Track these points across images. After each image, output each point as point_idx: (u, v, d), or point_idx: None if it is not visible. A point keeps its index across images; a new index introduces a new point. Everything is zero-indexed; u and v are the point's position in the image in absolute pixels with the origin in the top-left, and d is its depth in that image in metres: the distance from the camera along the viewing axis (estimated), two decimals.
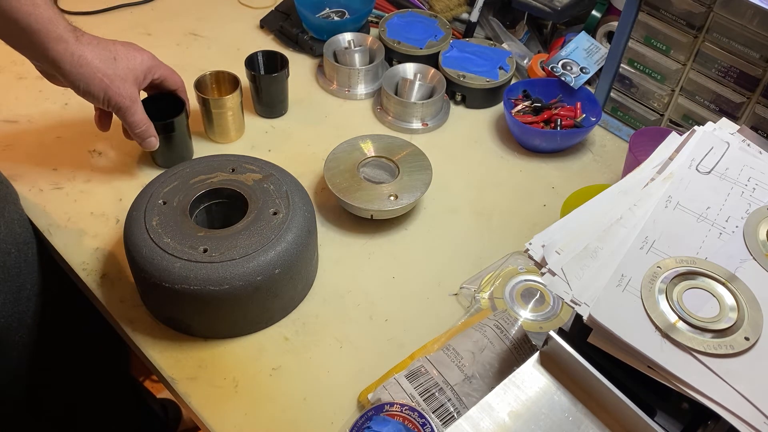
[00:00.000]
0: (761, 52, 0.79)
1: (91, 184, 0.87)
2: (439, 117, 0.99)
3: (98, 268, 0.78)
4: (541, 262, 0.57)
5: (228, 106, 0.89)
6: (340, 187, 0.81)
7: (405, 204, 0.80)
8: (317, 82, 1.05)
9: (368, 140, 0.87)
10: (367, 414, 0.62)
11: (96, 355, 1.01)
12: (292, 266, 0.69)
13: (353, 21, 1.07)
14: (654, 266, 0.55)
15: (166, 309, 0.72)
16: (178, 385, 0.68)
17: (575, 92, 0.97)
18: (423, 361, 0.66)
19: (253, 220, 0.70)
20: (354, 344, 0.72)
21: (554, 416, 0.55)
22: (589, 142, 0.98)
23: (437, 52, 1.03)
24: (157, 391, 1.37)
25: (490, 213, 0.87)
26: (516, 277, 0.77)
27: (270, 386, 0.68)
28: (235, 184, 0.74)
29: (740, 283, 0.54)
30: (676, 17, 0.85)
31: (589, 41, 1.01)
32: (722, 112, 0.85)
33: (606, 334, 0.52)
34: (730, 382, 0.49)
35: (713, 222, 0.59)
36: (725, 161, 0.64)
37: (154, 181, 0.75)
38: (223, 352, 0.71)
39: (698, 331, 0.51)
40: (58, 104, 0.98)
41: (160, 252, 0.67)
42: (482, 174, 0.92)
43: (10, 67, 1.03)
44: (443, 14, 1.10)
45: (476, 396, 0.63)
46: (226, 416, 0.66)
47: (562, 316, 0.73)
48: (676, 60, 0.87)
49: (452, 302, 0.76)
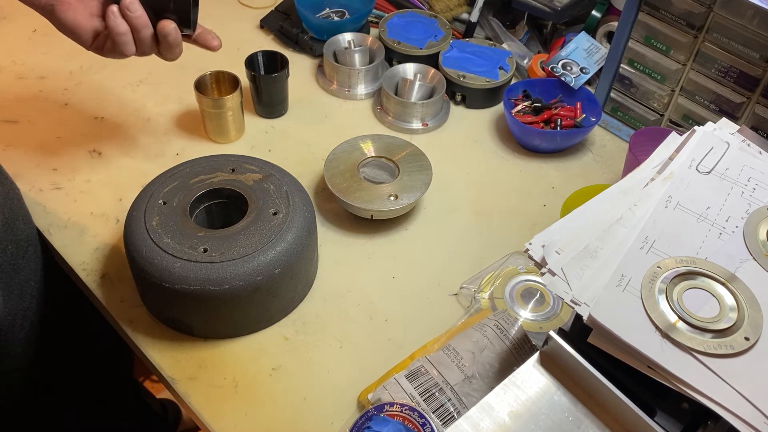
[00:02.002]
0: (761, 52, 0.79)
1: (91, 184, 0.87)
2: (439, 117, 0.99)
3: (98, 268, 0.78)
4: (541, 262, 0.57)
5: (228, 106, 0.89)
6: (340, 187, 0.81)
7: (405, 204, 0.80)
8: (317, 82, 1.05)
9: (368, 140, 0.87)
10: (367, 414, 0.62)
11: (98, 355, 1.01)
12: (292, 266, 0.69)
13: (353, 21, 1.07)
14: (654, 266, 0.55)
15: (166, 309, 0.72)
16: (178, 385, 0.68)
17: (575, 92, 0.97)
18: (423, 361, 0.66)
19: (253, 220, 0.70)
20: (354, 344, 0.72)
21: (554, 416, 0.55)
22: (589, 142, 0.98)
23: (437, 52, 1.03)
24: (157, 391, 1.37)
25: (490, 213, 0.87)
26: (516, 277, 0.77)
27: (270, 386, 0.68)
28: (235, 184, 0.74)
29: (740, 283, 0.54)
30: (676, 17, 0.85)
31: (589, 41, 1.01)
32: (722, 112, 0.85)
33: (606, 334, 0.52)
34: (730, 382, 0.49)
35: (713, 222, 0.59)
36: (725, 161, 0.64)
37: (154, 181, 0.75)
38: (223, 352, 0.71)
39: (698, 331, 0.51)
40: (58, 104, 0.98)
41: (160, 252, 0.67)
42: (482, 174, 0.92)
43: (10, 67, 1.03)
44: (443, 14, 1.10)
45: (476, 396, 0.63)
46: (226, 416, 0.66)
47: (562, 316, 0.73)
48: (676, 60, 0.87)
49: (452, 302, 0.77)
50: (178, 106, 0.99)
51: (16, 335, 0.80)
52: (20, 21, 1.11)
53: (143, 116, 0.97)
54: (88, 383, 1.00)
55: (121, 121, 0.96)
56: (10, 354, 0.81)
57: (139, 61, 1.05)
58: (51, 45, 1.06)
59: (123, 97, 1.00)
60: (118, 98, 0.99)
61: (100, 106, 0.98)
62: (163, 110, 0.98)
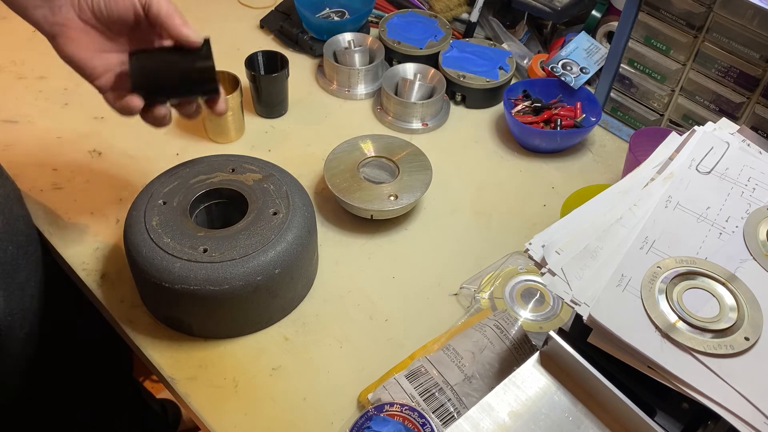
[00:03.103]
0: (761, 52, 0.79)
1: (91, 184, 0.87)
2: (439, 117, 0.99)
3: (98, 268, 0.78)
4: (541, 262, 0.57)
5: (228, 106, 0.89)
6: (340, 187, 0.81)
7: (405, 204, 0.80)
8: (317, 82, 1.05)
9: (368, 140, 0.87)
10: (367, 414, 0.62)
11: (98, 355, 1.01)
12: (292, 266, 0.69)
13: (353, 21, 1.07)
14: (654, 266, 0.55)
15: (166, 309, 0.72)
16: (178, 385, 0.68)
17: (575, 92, 0.97)
18: (423, 361, 0.66)
19: (253, 220, 0.70)
20: (354, 344, 0.72)
21: (554, 416, 0.55)
22: (589, 142, 0.98)
23: (437, 52, 1.03)
24: (157, 391, 1.37)
25: (490, 213, 0.87)
26: (516, 277, 0.77)
27: (270, 386, 0.68)
28: (235, 184, 0.74)
29: (740, 283, 0.54)
30: (676, 17, 0.85)
31: (589, 41, 1.01)
32: (722, 112, 0.85)
33: (606, 334, 0.52)
34: (730, 382, 0.49)
35: (713, 222, 0.59)
36: (725, 161, 0.64)
37: (154, 181, 0.75)
38: (223, 352, 0.71)
39: (698, 331, 0.51)
40: (58, 104, 0.98)
41: (160, 252, 0.67)
42: (482, 174, 0.92)
43: (10, 67, 1.03)
44: (443, 14, 1.10)
45: (476, 396, 0.63)
46: (226, 416, 0.66)
47: (562, 316, 0.73)
48: (676, 60, 0.87)
49: (452, 302, 0.76)
50: None
51: (15, 335, 0.80)
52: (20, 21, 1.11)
53: None
54: (88, 383, 1.00)
55: (121, 121, 0.96)
56: (9, 354, 0.81)
57: None
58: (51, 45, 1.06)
59: None
60: None
61: (100, 106, 0.97)
62: None
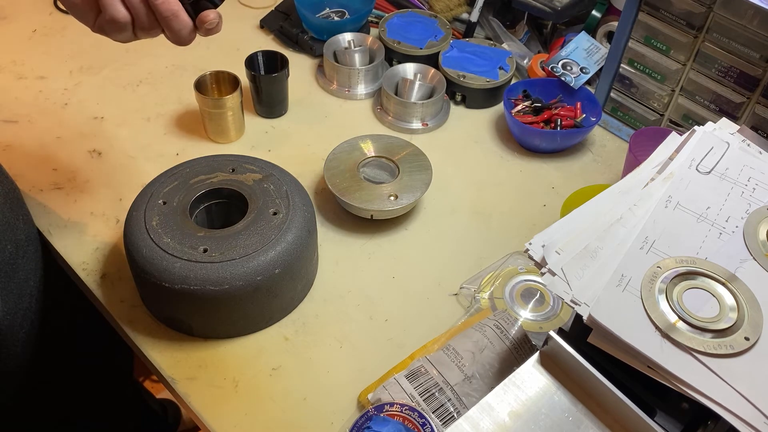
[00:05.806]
0: (761, 52, 0.79)
1: (91, 184, 0.87)
2: (439, 117, 0.99)
3: (98, 268, 0.78)
4: (541, 262, 0.57)
5: (228, 106, 0.89)
6: (340, 187, 0.81)
7: (405, 204, 0.80)
8: (317, 82, 1.05)
9: (368, 140, 0.87)
10: (367, 414, 0.62)
11: (98, 355, 1.01)
12: (292, 266, 0.69)
13: (353, 21, 1.07)
14: (654, 266, 0.55)
15: (166, 309, 0.72)
16: (178, 385, 0.68)
17: (575, 92, 0.97)
18: (423, 361, 0.66)
19: (253, 220, 0.70)
20: (354, 344, 0.72)
21: (554, 416, 0.55)
22: (589, 142, 0.98)
23: (437, 52, 1.03)
24: (157, 391, 1.38)
25: (490, 213, 0.87)
26: (516, 277, 0.77)
27: (270, 386, 0.68)
28: (235, 184, 0.74)
29: (740, 283, 0.54)
30: (676, 17, 0.85)
31: (589, 41, 1.01)
32: (722, 112, 0.85)
33: (606, 334, 0.52)
34: (730, 382, 0.49)
35: (713, 222, 0.59)
36: (725, 161, 0.64)
37: (154, 181, 0.75)
38: (223, 352, 0.71)
39: (698, 331, 0.51)
40: (58, 104, 0.98)
41: (160, 252, 0.67)
42: (482, 174, 0.92)
43: (10, 67, 1.03)
44: (443, 14, 1.10)
45: (476, 396, 0.63)
46: (226, 416, 0.66)
47: (562, 316, 0.73)
48: (676, 60, 0.87)
49: (452, 302, 0.76)
50: (178, 106, 0.99)
51: (15, 335, 0.80)
52: (20, 21, 1.11)
53: (143, 116, 0.97)
54: (88, 383, 1.00)
55: (121, 121, 0.96)
56: (9, 354, 0.81)
57: (139, 61, 1.05)
58: (51, 45, 1.06)
59: (123, 97, 1.00)
60: (118, 98, 0.99)
61: (100, 106, 0.98)
62: (163, 110, 0.98)
